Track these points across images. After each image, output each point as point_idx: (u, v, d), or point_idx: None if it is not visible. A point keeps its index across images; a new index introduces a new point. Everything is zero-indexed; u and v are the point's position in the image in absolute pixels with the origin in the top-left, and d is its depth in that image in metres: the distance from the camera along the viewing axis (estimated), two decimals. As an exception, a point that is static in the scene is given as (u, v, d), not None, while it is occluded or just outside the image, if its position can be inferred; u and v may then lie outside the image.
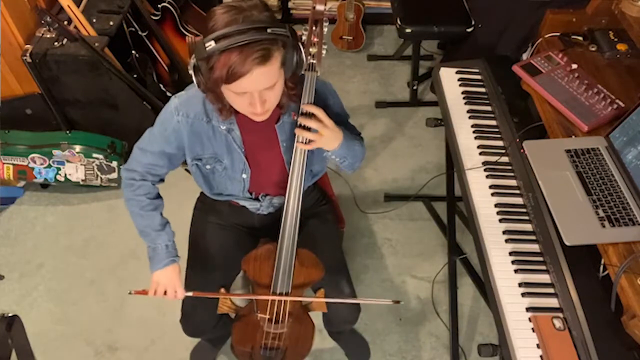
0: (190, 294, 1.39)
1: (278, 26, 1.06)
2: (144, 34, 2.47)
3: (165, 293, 1.38)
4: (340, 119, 1.40)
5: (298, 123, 1.23)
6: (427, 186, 2.40)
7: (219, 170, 1.39)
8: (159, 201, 1.45)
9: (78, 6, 2.22)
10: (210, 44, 1.03)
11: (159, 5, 2.55)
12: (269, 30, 1.04)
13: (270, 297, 1.42)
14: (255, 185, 1.44)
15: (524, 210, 1.52)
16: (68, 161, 2.28)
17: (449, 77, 1.88)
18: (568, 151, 1.48)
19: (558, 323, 1.29)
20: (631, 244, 1.28)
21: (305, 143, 1.25)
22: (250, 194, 1.46)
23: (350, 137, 1.35)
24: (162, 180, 1.46)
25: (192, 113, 1.28)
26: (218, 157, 1.36)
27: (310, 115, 1.22)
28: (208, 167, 1.39)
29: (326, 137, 1.25)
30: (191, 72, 1.12)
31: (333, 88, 1.38)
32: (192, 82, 1.17)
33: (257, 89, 1.11)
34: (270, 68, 1.08)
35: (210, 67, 1.07)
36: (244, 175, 1.39)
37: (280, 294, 1.41)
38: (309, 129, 1.23)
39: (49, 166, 2.28)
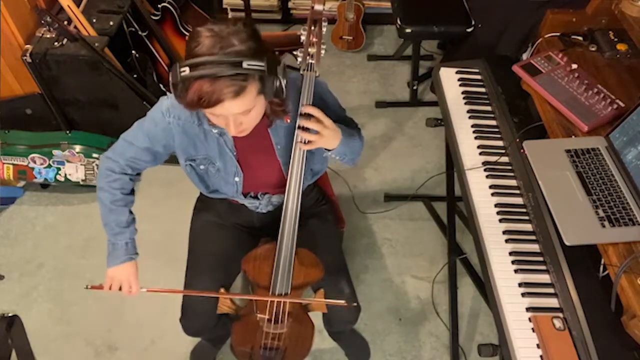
0: (144, 290, 1.41)
1: (255, 59, 1.04)
2: (144, 34, 2.46)
3: (120, 289, 1.40)
4: (338, 115, 1.41)
5: (297, 124, 1.23)
6: (427, 186, 2.40)
7: (212, 171, 1.39)
8: (132, 197, 1.44)
9: (78, 6, 2.22)
10: (185, 70, 1.03)
11: (159, 5, 2.55)
12: (244, 65, 1.02)
13: (269, 298, 1.42)
14: (250, 187, 1.45)
15: (524, 210, 1.52)
16: (68, 161, 2.28)
17: (449, 77, 1.88)
18: (568, 151, 1.48)
19: (558, 323, 1.29)
20: (631, 244, 1.28)
21: (305, 143, 1.25)
22: (246, 195, 1.46)
23: (348, 134, 1.35)
24: (139, 174, 1.45)
25: (183, 115, 1.28)
26: (211, 159, 1.36)
27: (309, 116, 1.22)
28: (202, 167, 1.39)
29: (326, 137, 1.24)
30: (171, 88, 1.10)
31: (328, 86, 1.38)
32: None
33: (230, 114, 1.11)
34: (244, 99, 1.07)
35: (185, 89, 1.06)
36: (237, 179, 1.40)
37: (280, 295, 1.41)
38: (308, 130, 1.22)
39: (49, 166, 2.28)
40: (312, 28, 1.20)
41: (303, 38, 1.21)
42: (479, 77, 1.87)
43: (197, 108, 1.09)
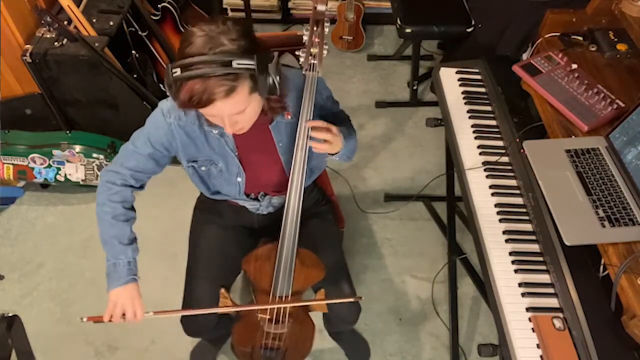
0: (150, 313, 1.31)
1: (245, 58, 1.04)
2: (144, 34, 2.46)
3: (123, 315, 1.28)
4: (333, 110, 1.43)
5: (309, 136, 1.24)
6: (427, 186, 2.40)
7: (215, 172, 1.39)
8: (133, 213, 1.38)
9: (78, 6, 2.21)
10: (176, 71, 1.03)
11: (159, 5, 2.55)
12: (234, 64, 1.03)
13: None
14: (252, 187, 1.44)
15: (524, 210, 1.52)
16: (68, 161, 2.28)
17: (449, 77, 1.88)
18: (568, 151, 1.48)
19: (558, 323, 1.29)
20: (631, 244, 1.28)
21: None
22: (248, 195, 1.46)
23: (347, 135, 1.36)
24: (142, 187, 1.40)
25: (183, 116, 1.28)
26: (213, 160, 1.36)
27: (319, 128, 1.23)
28: (203, 168, 1.39)
29: (334, 144, 1.27)
30: (166, 89, 1.10)
31: (325, 82, 1.39)
32: None
33: (223, 115, 1.11)
34: (236, 99, 1.07)
35: (178, 90, 1.06)
36: (239, 179, 1.40)
37: (280, 297, 1.41)
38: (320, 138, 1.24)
39: (49, 166, 2.28)
40: (315, 28, 1.20)
41: (305, 38, 1.21)
42: (479, 77, 1.87)
43: (190, 108, 1.09)
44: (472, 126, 1.73)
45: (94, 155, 2.27)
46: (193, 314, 1.47)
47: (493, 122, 1.74)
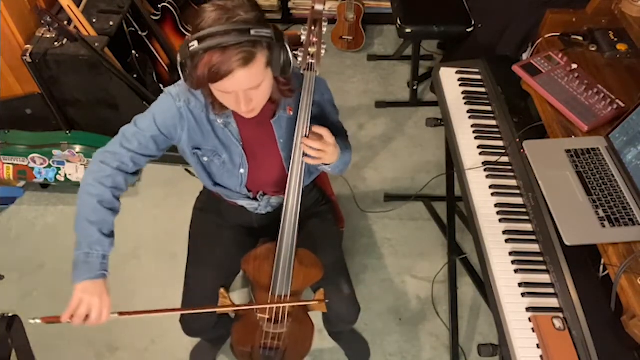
0: (115, 315, 1.19)
1: (262, 27, 1.06)
2: (144, 34, 2.47)
3: (86, 317, 1.15)
4: (332, 117, 1.42)
5: (303, 144, 1.23)
6: (427, 186, 2.40)
7: (217, 164, 1.38)
8: (119, 205, 1.28)
9: (78, 6, 2.22)
10: (194, 44, 1.03)
11: (159, 5, 2.55)
12: (252, 32, 1.04)
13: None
14: (253, 181, 1.43)
15: (524, 210, 1.52)
16: (68, 161, 2.28)
17: (449, 77, 1.88)
18: (568, 151, 1.48)
19: (558, 323, 1.29)
20: (631, 244, 1.28)
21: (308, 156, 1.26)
22: (249, 191, 1.46)
23: (343, 148, 1.36)
24: (136, 173, 1.32)
25: (192, 102, 1.27)
26: (217, 151, 1.35)
27: (317, 135, 1.23)
28: (206, 159, 1.37)
29: (330, 154, 1.25)
30: (178, 68, 1.11)
31: (327, 84, 1.39)
32: None
33: (241, 89, 1.11)
34: (254, 69, 1.07)
35: (195, 66, 1.07)
36: (242, 170, 1.39)
37: (280, 296, 1.41)
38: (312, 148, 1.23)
39: (49, 166, 2.28)
40: (313, 28, 1.20)
41: (303, 38, 1.21)
42: (479, 77, 1.87)
43: (208, 83, 1.08)
44: (472, 126, 1.73)
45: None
46: (186, 313, 1.46)
47: (493, 122, 1.74)
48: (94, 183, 1.24)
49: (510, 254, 1.43)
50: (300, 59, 1.21)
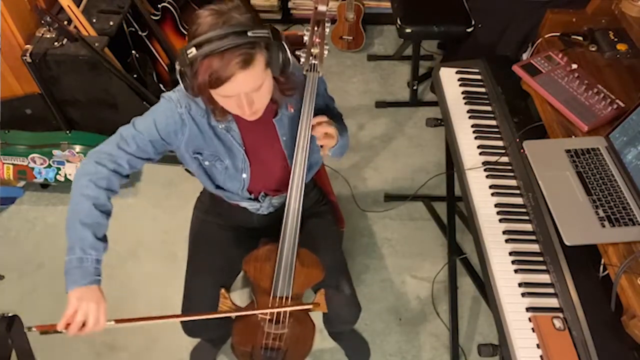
0: (111, 322, 1.16)
1: (259, 28, 1.05)
2: (144, 34, 2.46)
3: (83, 325, 1.13)
4: (328, 104, 1.45)
5: (314, 130, 1.28)
6: (427, 186, 2.40)
7: (219, 168, 1.38)
8: (111, 208, 1.24)
9: (78, 6, 2.22)
10: (192, 51, 1.03)
11: (159, 5, 2.54)
12: (249, 34, 1.03)
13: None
14: (256, 183, 1.43)
15: (524, 210, 1.52)
16: (68, 161, 2.28)
17: (449, 77, 1.88)
18: (568, 151, 1.48)
19: (558, 323, 1.29)
20: (631, 244, 1.28)
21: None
22: (250, 193, 1.46)
23: (341, 130, 1.38)
24: (127, 177, 1.30)
25: (192, 108, 1.27)
26: (219, 156, 1.35)
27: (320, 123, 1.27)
28: (207, 163, 1.36)
29: (334, 137, 1.30)
30: (178, 77, 1.10)
31: (323, 77, 1.38)
32: None
33: (242, 91, 1.11)
34: (254, 71, 1.07)
35: (194, 73, 1.06)
36: (244, 175, 1.39)
37: (281, 298, 1.41)
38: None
39: (49, 166, 2.28)
40: (316, 29, 1.20)
41: (306, 39, 1.21)
42: (479, 77, 1.87)
43: (209, 89, 1.08)
44: (472, 126, 1.73)
45: (94, 155, 2.27)
46: (186, 319, 1.46)
47: (493, 122, 1.74)
48: (89, 184, 1.20)
49: (510, 254, 1.43)
50: (303, 60, 1.21)
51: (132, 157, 1.26)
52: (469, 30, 2.39)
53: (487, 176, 1.60)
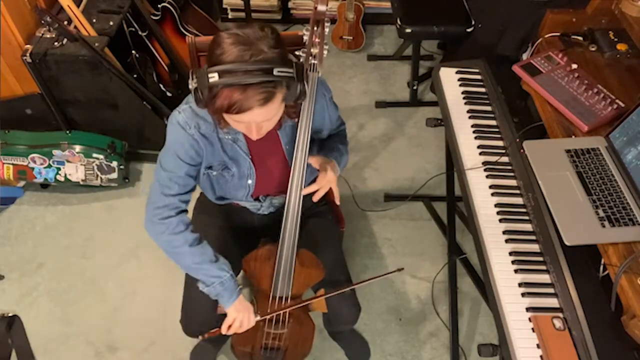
0: (258, 318, 1.39)
1: (285, 66, 1.05)
2: (144, 34, 2.47)
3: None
4: (334, 114, 1.45)
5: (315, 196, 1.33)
6: (427, 186, 2.40)
7: (227, 177, 1.39)
8: (199, 234, 1.34)
9: (78, 6, 2.22)
10: (214, 77, 1.02)
11: (159, 5, 2.55)
12: (275, 72, 1.03)
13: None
14: (260, 188, 1.45)
15: (524, 210, 1.52)
16: (68, 161, 2.28)
17: (449, 77, 1.88)
18: (568, 151, 1.48)
19: (558, 323, 1.29)
20: (631, 244, 1.28)
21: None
22: (253, 197, 1.46)
23: (342, 155, 1.42)
24: (188, 201, 1.37)
25: (202, 125, 1.27)
26: (226, 165, 1.36)
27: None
28: (215, 173, 1.38)
29: (333, 182, 1.35)
30: (192, 90, 1.08)
31: (326, 82, 1.39)
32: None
33: (254, 122, 1.12)
34: (272, 107, 1.09)
35: (212, 97, 1.06)
36: (250, 181, 1.40)
37: (281, 298, 1.41)
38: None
39: (49, 166, 2.28)
40: (315, 29, 1.20)
41: (305, 38, 1.21)
42: (479, 77, 1.87)
43: (223, 114, 1.10)
44: (472, 126, 1.73)
45: (94, 155, 2.27)
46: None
47: (493, 122, 1.74)
48: (171, 238, 1.30)
49: (510, 254, 1.43)
50: (302, 59, 1.21)
51: (180, 195, 1.31)
52: (468, 30, 2.39)
53: (487, 176, 1.60)
